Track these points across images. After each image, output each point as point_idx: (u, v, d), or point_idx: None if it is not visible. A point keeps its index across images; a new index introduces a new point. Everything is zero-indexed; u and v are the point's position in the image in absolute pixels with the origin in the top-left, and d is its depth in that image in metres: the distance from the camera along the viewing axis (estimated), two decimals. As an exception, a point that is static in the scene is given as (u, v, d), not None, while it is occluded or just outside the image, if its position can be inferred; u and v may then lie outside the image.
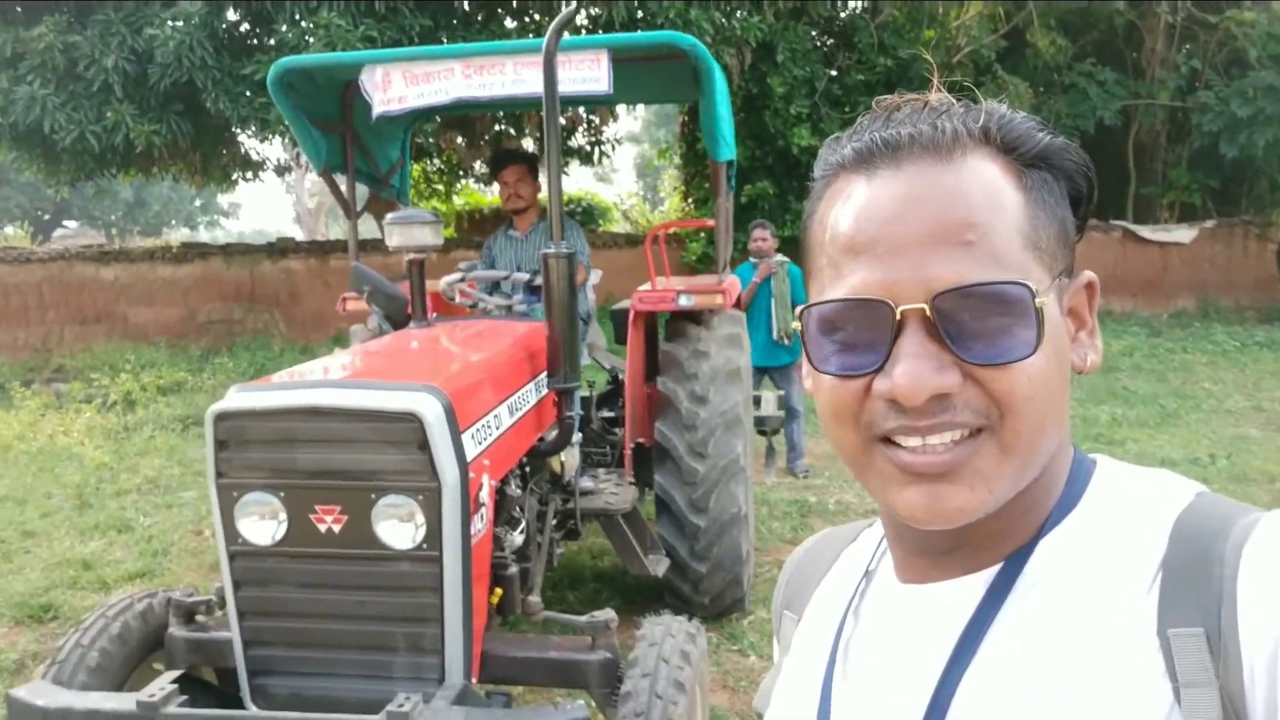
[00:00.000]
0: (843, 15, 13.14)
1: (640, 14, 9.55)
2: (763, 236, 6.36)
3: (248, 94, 9.41)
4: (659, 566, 3.93)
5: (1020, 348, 0.63)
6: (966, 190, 0.64)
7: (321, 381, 2.48)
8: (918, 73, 12.61)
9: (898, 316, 0.64)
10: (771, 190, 12.38)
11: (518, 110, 10.46)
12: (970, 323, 0.63)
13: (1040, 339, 0.63)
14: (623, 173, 40.48)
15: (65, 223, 30.70)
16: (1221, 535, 0.62)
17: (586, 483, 3.92)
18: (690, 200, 14.40)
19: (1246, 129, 12.38)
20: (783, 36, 11.52)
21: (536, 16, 10.11)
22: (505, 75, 3.58)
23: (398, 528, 2.33)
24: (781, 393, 5.95)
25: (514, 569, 2.87)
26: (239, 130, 11.02)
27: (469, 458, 2.42)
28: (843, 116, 12.30)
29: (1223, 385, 9.35)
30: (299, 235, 25.08)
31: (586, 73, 3.49)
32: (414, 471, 2.31)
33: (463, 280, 4.09)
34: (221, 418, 2.33)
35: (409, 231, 3.27)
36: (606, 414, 4.86)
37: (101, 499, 6.45)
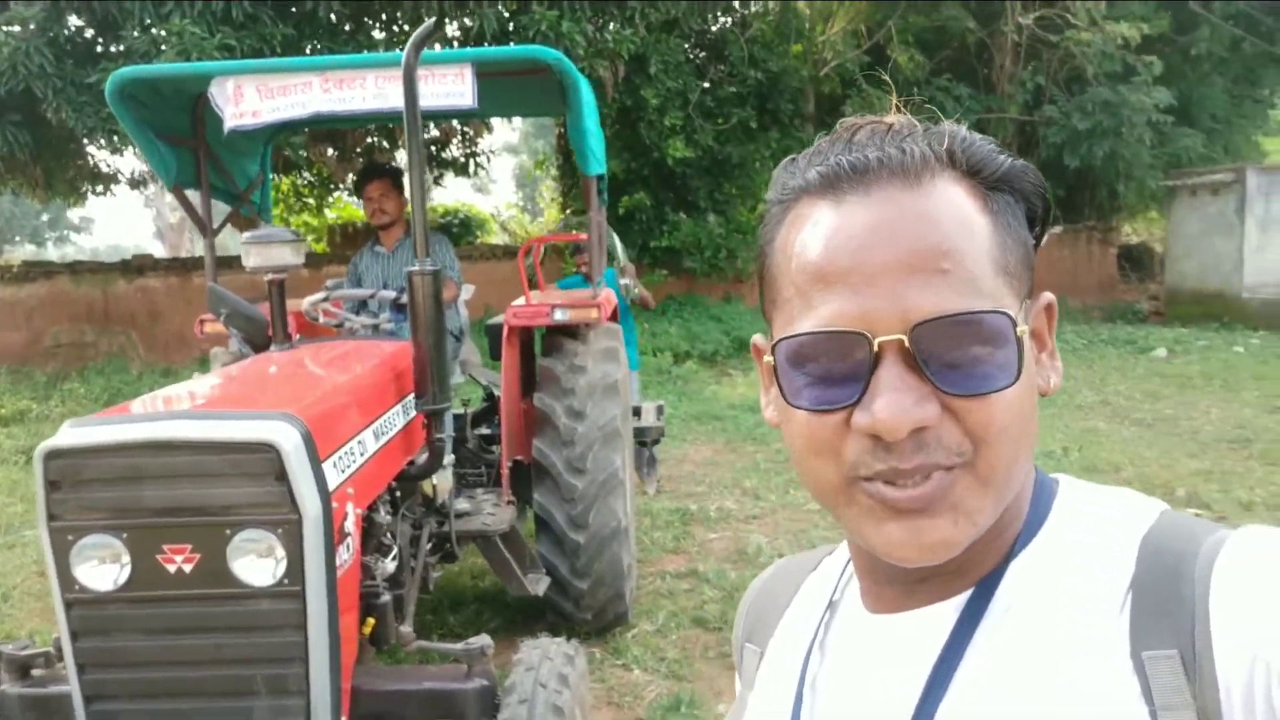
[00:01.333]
0: (713, 29, 13.40)
1: (512, 26, 9.48)
2: None
3: (94, 104, 8.87)
4: (539, 585, 3.87)
5: (1001, 377, 0.62)
6: (938, 216, 0.63)
7: (167, 413, 2.33)
8: (788, 85, 12.98)
9: (875, 348, 0.61)
10: (648, 201, 12.51)
11: (384, 124, 10.21)
12: (948, 353, 0.61)
13: (1021, 368, 0.62)
14: (501, 183, 40.24)
15: (-109, 241, 28.25)
16: (1190, 554, 0.62)
17: (463, 504, 3.84)
18: (569, 211, 14.39)
19: (1086, 141, 13.29)
20: (655, 49, 11.66)
21: (406, 27, 9.90)
22: (366, 89, 3.48)
23: (256, 564, 2.21)
24: (661, 403, 5.99)
25: (387, 597, 2.77)
26: (86, 142, 10.36)
27: (331, 487, 2.32)
28: (716, 128, 12.54)
29: (1073, 381, 9.93)
30: (161, 251, 23.79)
31: (450, 87, 3.43)
32: (272, 504, 2.19)
33: (326, 299, 3.95)
34: (52, 456, 2.16)
35: (267, 251, 3.14)
36: (483, 431, 4.77)
37: (-67, 543, 5.91)
